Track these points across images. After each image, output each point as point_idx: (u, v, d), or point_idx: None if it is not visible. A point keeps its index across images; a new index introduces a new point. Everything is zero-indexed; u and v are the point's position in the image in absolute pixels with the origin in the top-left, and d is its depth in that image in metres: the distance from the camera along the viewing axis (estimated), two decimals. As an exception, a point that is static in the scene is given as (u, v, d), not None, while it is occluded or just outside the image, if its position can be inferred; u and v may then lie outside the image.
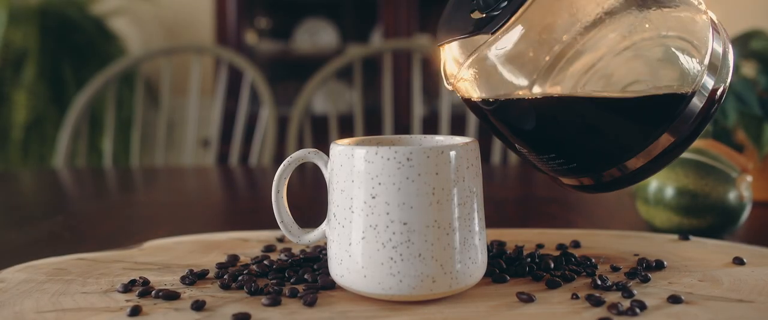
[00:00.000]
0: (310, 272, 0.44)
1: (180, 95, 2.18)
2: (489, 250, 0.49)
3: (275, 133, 1.43)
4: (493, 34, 0.37)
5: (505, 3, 0.38)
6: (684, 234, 0.54)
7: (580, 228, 0.64)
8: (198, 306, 0.38)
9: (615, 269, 0.45)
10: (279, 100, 2.09)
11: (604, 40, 0.37)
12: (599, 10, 0.37)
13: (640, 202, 0.61)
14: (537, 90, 0.38)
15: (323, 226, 0.43)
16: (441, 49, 0.42)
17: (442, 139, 0.45)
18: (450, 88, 0.42)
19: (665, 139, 0.38)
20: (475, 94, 0.41)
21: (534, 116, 0.40)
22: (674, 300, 0.38)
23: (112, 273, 0.46)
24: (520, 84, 0.38)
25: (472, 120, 1.47)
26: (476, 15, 0.40)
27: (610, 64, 0.37)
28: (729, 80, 0.40)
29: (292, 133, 1.39)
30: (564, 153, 0.41)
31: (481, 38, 0.38)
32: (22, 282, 0.44)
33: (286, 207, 0.44)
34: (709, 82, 0.38)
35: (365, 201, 0.39)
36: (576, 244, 0.53)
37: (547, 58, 0.37)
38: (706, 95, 0.38)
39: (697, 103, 0.38)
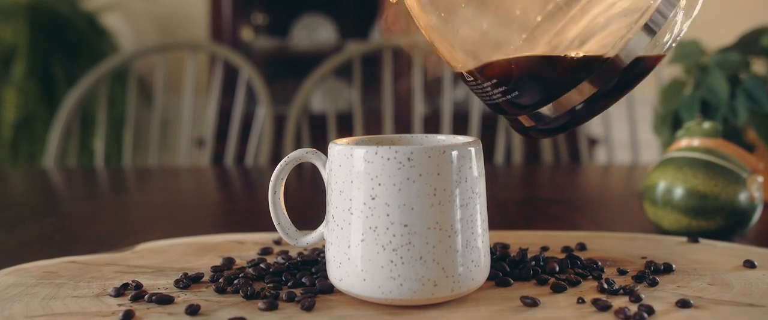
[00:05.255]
0: (307, 275, 0.43)
1: (174, 93, 2.16)
2: (492, 253, 0.48)
3: (272, 132, 1.42)
4: None
5: None
6: (693, 236, 0.54)
7: (585, 230, 0.64)
8: (192, 310, 0.38)
9: (622, 272, 0.45)
10: (276, 98, 2.08)
11: None
12: None
13: (648, 203, 0.61)
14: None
15: (321, 228, 0.42)
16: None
17: (443, 139, 0.44)
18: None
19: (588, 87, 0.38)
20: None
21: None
22: (683, 304, 0.38)
23: (104, 277, 0.45)
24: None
25: (475, 119, 1.46)
26: None
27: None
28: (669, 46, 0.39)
29: (289, 132, 1.38)
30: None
31: None
32: (12, 286, 0.43)
33: (283, 208, 0.43)
34: (641, 44, 0.37)
35: (365, 202, 0.38)
36: (582, 247, 0.52)
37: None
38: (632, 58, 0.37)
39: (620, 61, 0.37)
